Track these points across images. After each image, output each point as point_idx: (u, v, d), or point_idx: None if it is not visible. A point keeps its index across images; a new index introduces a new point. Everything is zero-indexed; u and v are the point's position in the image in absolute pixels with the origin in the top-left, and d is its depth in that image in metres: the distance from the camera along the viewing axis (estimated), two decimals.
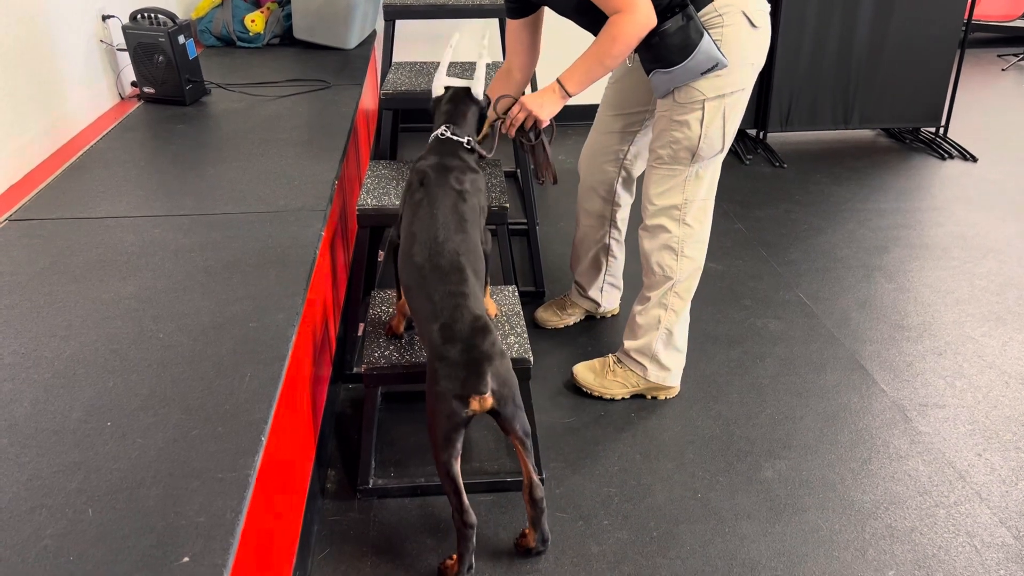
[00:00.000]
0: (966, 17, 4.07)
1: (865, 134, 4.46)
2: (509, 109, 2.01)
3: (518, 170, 3.54)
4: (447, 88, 1.98)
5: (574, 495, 1.97)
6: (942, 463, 2.08)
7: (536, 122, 2.00)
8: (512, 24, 2.08)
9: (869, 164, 4.04)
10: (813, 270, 3.02)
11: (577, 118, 3.63)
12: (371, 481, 1.96)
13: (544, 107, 1.98)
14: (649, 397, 2.30)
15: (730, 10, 1.89)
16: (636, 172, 2.39)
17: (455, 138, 1.88)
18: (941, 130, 4.30)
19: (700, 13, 1.88)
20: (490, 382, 1.53)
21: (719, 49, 1.88)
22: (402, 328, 1.94)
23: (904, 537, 1.86)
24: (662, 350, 2.24)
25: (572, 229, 3.15)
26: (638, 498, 1.96)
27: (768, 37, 1.99)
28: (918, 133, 4.36)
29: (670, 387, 2.30)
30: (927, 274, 3.00)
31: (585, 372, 2.32)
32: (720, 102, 1.96)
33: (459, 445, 1.57)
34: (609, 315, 2.70)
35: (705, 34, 1.86)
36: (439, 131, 1.89)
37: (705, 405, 2.29)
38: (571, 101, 2.10)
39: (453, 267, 1.62)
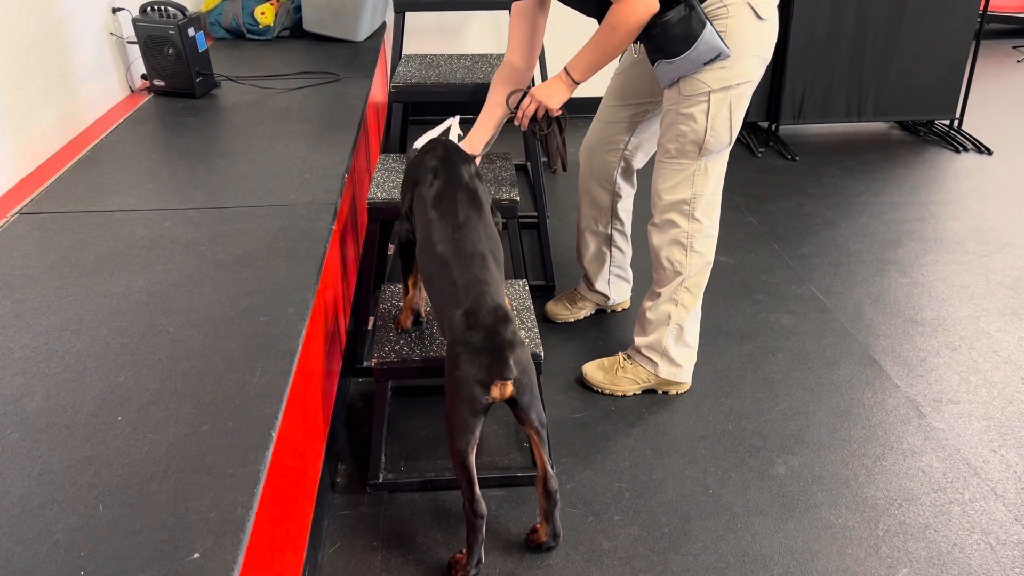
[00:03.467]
0: (981, 8, 4.02)
1: (878, 127, 4.42)
2: (520, 103, 2.05)
3: (528, 163, 3.52)
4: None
5: (585, 490, 1.96)
6: (956, 459, 2.07)
7: (548, 112, 2.04)
8: (518, 7, 2.06)
9: (882, 157, 4.01)
10: (826, 264, 2.99)
11: (586, 110, 3.61)
12: (381, 475, 1.96)
13: (553, 96, 2.02)
14: (660, 392, 2.29)
15: (735, 1, 1.89)
16: (636, 164, 2.38)
17: (449, 139, 1.91)
18: (955, 122, 4.26)
19: (704, 4, 1.89)
20: (513, 368, 1.53)
21: (722, 40, 1.89)
22: (410, 323, 1.94)
23: (918, 534, 1.85)
24: (673, 346, 2.22)
25: None
26: (649, 493, 1.95)
27: (775, 29, 1.99)
28: (932, 125, 4.32)
29: (681, 383, 2.28)
30: (941, 268, 2.97)
31: (594, 370, 2.31)
32: (726, 94, 1.96)
33: (477, 434, 1.57)
34: (619, 309, 2.68)
35: (707, 24, 1.86)
36: (430, 137, 1.93)
37: (717, 400, 2.28)
38: (579, 93, 2.10)
39: (476, 253, 1.63)
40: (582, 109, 3.44)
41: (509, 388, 1.54)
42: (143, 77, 2.70)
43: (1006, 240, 3.17)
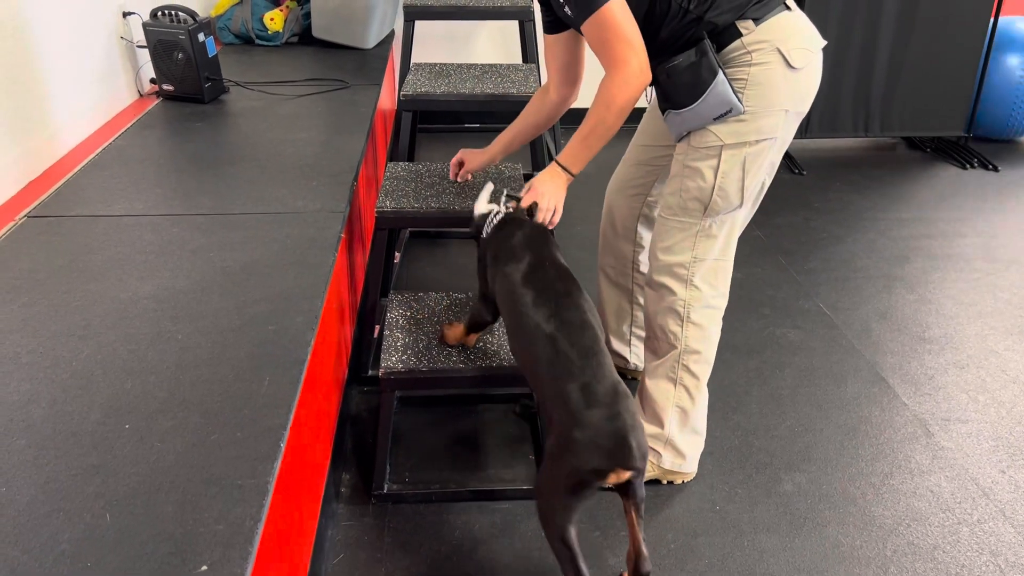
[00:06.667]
0: (991, 24, 4.02)
1: (886, 142, 4.42)
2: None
3: (535, 173, 3.51)
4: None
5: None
6: (965, 479, 2.05)
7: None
8: (546, 40, 1.93)
9: (890, 172, 4.00)
10: (833, 279, 2.98)
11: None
12: (386, 486, 1.95)
13: (546, 195, 1.81)
14: (665, 483, 2.02)
15: (763, 47, 1.67)
16: (657, 212, 2.11)
17: (514, 215, 1.77)
18: (963, 139, 4.25)
19: (727, 50, 1.69)
20: (637, 458, 1.39)
21: (735, 92, 1.68)
22: (454, 343, 1.89)
23: (926, 555, 1.83)
24: (677, 433, 1.98)
25: (588, 233, 3.13)
26: (655, 509, 1.94)
27: (814, 79, 1.75)
28: (939, 141, 4.31)
29: (686, 473, 2.03)
30: (949, 285, 2.96)
31: None
32: (739, 151, 1.74)
33: (578, 514, 1.45)
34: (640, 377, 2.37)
35: (720, 73, 1.66)
36: (494, 213, 1.79)
37: (724, 415, 2.26)
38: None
39: (584, 323, 1.51)
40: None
41: (627, 476, 1.40)
42: (152, 81, 2.70)
43: (1013, 257, 3.16)
